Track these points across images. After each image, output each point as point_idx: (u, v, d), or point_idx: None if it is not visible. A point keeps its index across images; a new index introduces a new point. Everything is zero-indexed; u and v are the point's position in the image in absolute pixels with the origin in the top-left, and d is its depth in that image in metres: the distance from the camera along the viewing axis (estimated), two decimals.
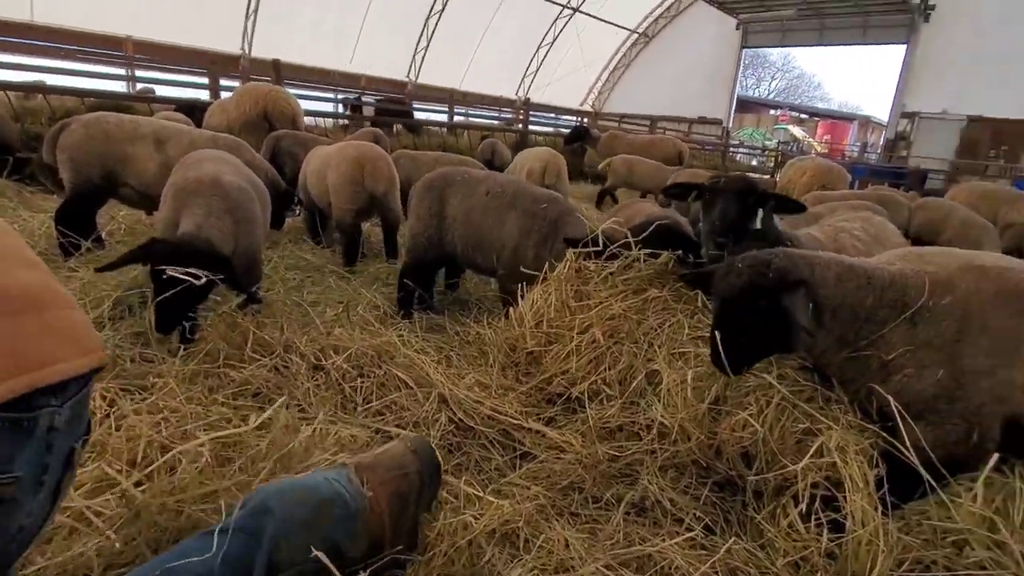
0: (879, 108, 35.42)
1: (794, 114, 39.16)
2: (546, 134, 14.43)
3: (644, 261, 2.85)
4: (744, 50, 27.22)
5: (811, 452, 1.78)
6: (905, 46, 21.38)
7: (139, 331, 2.97)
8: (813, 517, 1.72)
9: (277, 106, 6.88)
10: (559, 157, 7.48)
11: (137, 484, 1.64)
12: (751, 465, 1.94)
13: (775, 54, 44.47)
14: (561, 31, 26.58)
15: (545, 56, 27.22)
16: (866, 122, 37.02)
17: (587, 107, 32.00)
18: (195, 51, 16.58)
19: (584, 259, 2.89)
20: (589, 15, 25.89)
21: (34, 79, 9.05)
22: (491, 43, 24.65)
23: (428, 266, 3.84)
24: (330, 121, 12.34)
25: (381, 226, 4.74)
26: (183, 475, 1.63)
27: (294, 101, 7.12)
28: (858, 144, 30.35)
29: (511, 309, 3.00)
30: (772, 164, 19.03)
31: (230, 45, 17.54)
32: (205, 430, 1.89)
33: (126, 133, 3.97)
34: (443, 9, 21.73)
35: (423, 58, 22.79)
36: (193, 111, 7.90)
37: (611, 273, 2.82)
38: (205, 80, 11.58)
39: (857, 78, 57.96)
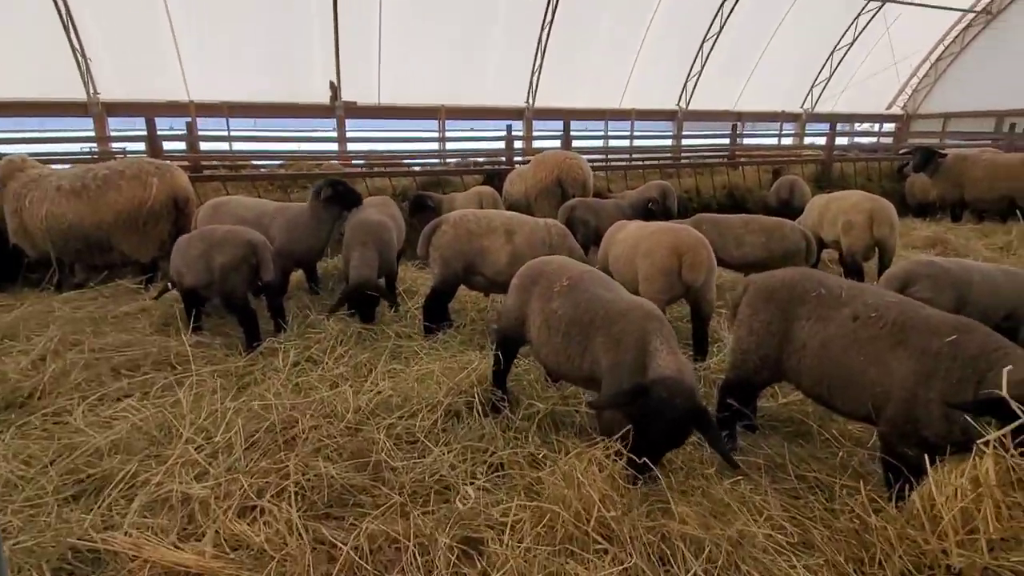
0: None
1: None
2: (852, 156, 12.10)
3: None
4: None
5: None
6: None
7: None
8: None
9: (571, 173, 7.03)
10: (885, 204, 5.92)
11: None
12: None
13: None
14: (864, 28, 22.65)
15: (841, 59, 23.53)
16: None
17: (896, 110, 26.66)
18: (491, 109, 18.85)
19: None
20: (904, 2, 21.49)
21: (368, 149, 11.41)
22: (772, 56, 22.35)
23: (756, 388, 3.22)
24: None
25: (691, 316, 4.25)
26: None
27: (586, 167, 7.21)
28: None
29: (916, 494, 2.18)
30: None
31: (517, 100, 19.45)
32: None
33: (483, 228, 4.50)
34: (720, 31, 20.48)
35: (696, 84, 21.79)
36: (493, 179, 8.69)
37: None
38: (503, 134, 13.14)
39: None
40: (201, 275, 4.48)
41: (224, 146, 12.76)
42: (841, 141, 20.15)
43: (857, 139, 24.34)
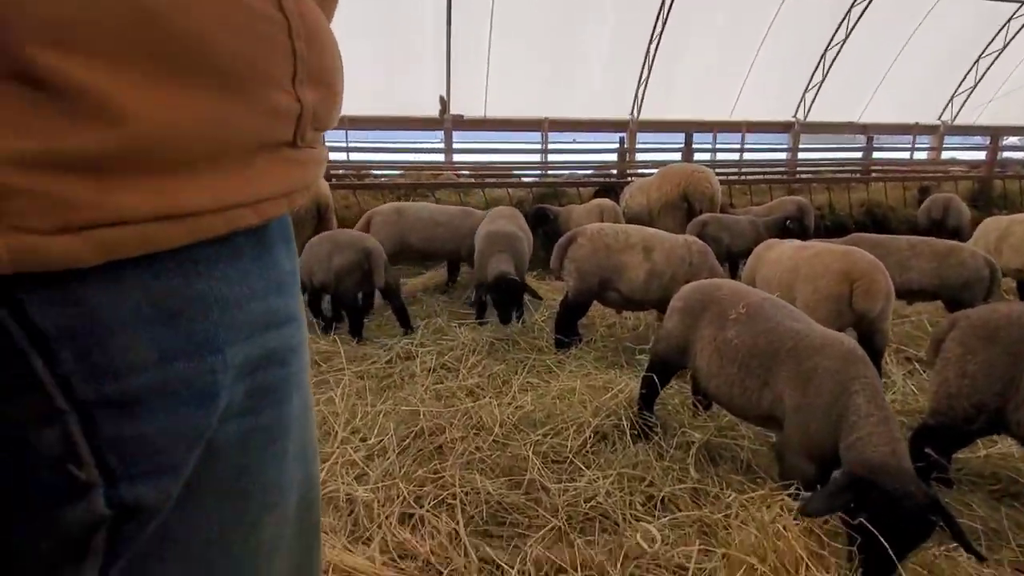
0: None
1: None
2: (1015, 172, 10.68)
3: None
4: None
5: None
6: None
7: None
8: None
9: (698, 187, 6.70)
10: None
11: None
12: None
13: None
14: (1017, 33, 20.25)
15: (988, 68, 21.15)
16: None
17: None
18: (595, 121, 18.71)
19: None
20: None
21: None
22: (904, 65, 20.49)
23: (963, 438, 2.79)
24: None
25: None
26: None
27: (715, 181, 6.85)
28: None
29: None
30: None
31: (621, 112, 19.11)
32: None
33: (620, 244, 4.39)
34: (846, 38, 19.04)
35: (816, 94, 20.37)
36: (609, 192, 8.49)
37: None
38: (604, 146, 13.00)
39: None
40: (324, 275, 4.76)
41: (343, 156, 13.58)
42: (979, 156, 17.99)
43: (1007, 154, 21.66)
